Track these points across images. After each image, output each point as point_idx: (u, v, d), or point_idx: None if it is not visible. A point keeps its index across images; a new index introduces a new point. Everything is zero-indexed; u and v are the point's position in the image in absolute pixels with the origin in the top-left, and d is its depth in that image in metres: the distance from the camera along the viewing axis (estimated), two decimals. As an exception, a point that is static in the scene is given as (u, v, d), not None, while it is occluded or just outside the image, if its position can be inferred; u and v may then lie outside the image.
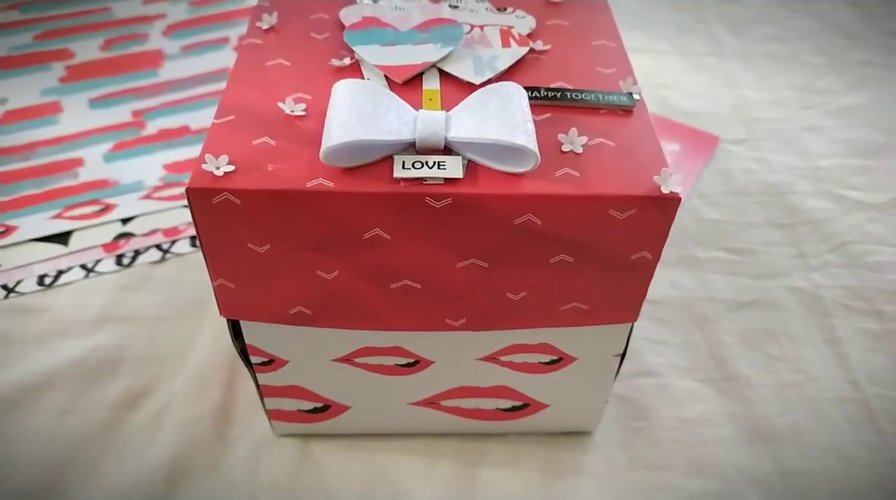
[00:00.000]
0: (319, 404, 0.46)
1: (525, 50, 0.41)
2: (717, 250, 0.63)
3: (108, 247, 0.61)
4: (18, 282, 0.58)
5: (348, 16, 0.43)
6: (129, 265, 0.60)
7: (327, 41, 0.42)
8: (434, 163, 0.33)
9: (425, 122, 0.34)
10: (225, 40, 0.86)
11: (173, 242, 0.62)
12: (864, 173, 0.71)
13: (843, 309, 0.59)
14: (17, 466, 0.47)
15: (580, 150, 0.35)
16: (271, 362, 0.43)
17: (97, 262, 0.60)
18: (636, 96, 0.39)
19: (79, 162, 0.69)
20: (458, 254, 0.36)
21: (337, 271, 0.37)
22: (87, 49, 0.84)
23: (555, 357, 0.43)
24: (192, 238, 0.63)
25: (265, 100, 0.37)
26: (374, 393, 0.45)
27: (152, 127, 0.74)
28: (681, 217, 0.66)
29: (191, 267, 0.60)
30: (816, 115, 0.79)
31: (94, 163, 0.69)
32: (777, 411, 0.52)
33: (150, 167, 0.69)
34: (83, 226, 0.63)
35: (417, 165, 0.33)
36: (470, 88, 0.39)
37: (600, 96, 0.38)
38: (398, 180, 0.33)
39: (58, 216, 0.64)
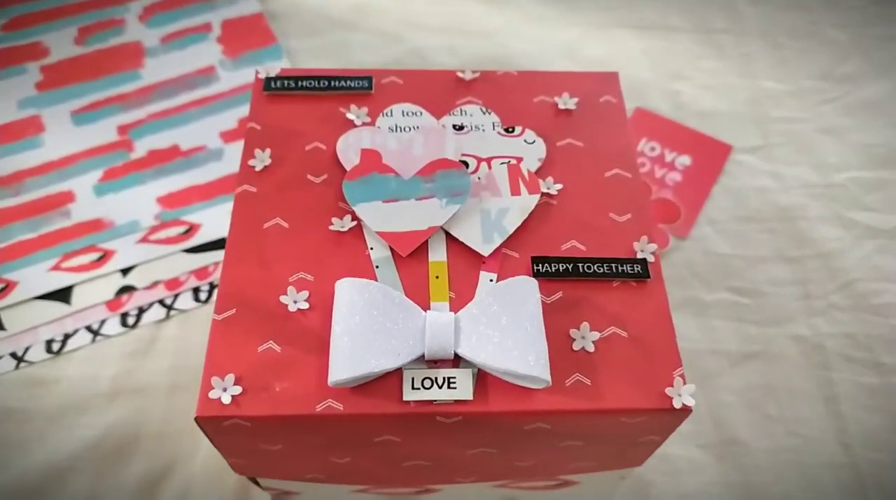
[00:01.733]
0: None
1: (535, 199, 0.39)
2: (724, 291, 0.63)
3: (111, 305, 0.61)
4: (27, 349, 0.59)
5: (346, 149, 0.41)
6: (134, 326, 0.60)
7: (326, 186, 0.39)
8: (444, 380, 0.33)
9: (433, 334, 0.33)
10: (207, 28, 0.81)
11: (176, 297, 0.62)
12: (880, 189, 0.69)
13: (843, 362, 0.59)
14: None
15: (591, 348, 0.35)
16: (286, 493, 0.44)
17: (102, 323, 0.60)
18: (650, 258, 0.37)
19: (69, 197, 0.67)
20: (468, 447, 0.36)
21: (349, 457, 0.37)
22: (62, 43, 0.79)
23: (560, 482, 0.44)
24: (195, 290, 0.62)
25: (266, 285, 0.36)
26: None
27: (141, 148, 0.71)
28: (688, 250, 0.65)
29: (196, 326, 0.60)
30: (835, 111, 0.75)
31: (84, 197, 0.67)
32: (772, 479, 0.54)
33: (143, 202, 0.67)
34: (83, 279, 0.62)
35: (427, 383, 0.33)
36: (479, 259, 0.37)
37: (613, 267, 0.37)
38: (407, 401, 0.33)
39: (56, 267, 0.63)
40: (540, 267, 0.36)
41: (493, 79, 0.44)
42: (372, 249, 0.37)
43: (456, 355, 0.33)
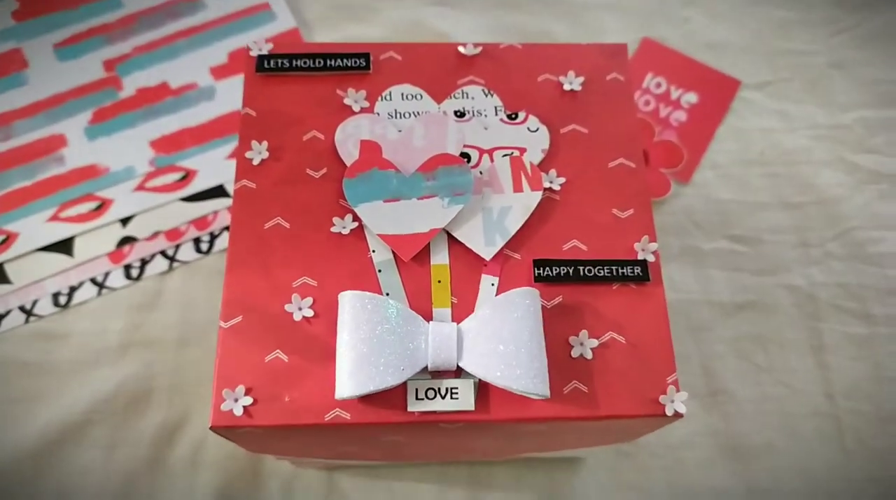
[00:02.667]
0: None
1: (538, 196, 0.38)
2: (722, 240, 0.64)
3: (113, 256, 0.62)
4: (35, 303, 0.60)
5: (345, 141, 0.40)
6: (138, 278, 0.61)
7: (325, 182, 0.39)
8: (446, 391, 0.34)
9: (437, 348, 0.34)
10: (189, -54, 0.75)
11: (177, 248, 0.62)
12: (886, 130, 0.68)
13: (834, 312, 0.61)
14: (83, 502, 0.53)
15: (590, 355, 0.36)
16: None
17: (106, 275, 0.61)
18: (651, 258, 0.38)
19: (61, 141, 0.66)
20: (471, 441, 0.38)
21: (357, 448, 0.39)
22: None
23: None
24: (195, 241, 0.62)
25: (270, 292, 0.36)
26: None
27: (129, 85, 0.68)
28: (689, 196, 0.65)
29: (198, 277, 0.61)
30: (846, 43, 0.72)
31: (76, 141, 0.66)
32: (755, 428, 0.57)
33: (136, 146, 0.66)
34: (84, 230, 0.62)
35: (430, 393, 0.34)
36: (480, 261, 0.37)
37: (614, 270, 0.37)
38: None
39: (55, 218, 0.63)
40: (541, 271, 0.37)
41: (495, 54, 0.43)
42: (374, 251, 0.37)
43: (458, 365, 0.34)
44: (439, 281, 0.37)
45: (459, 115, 0.41)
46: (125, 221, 0.63)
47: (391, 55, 0.42)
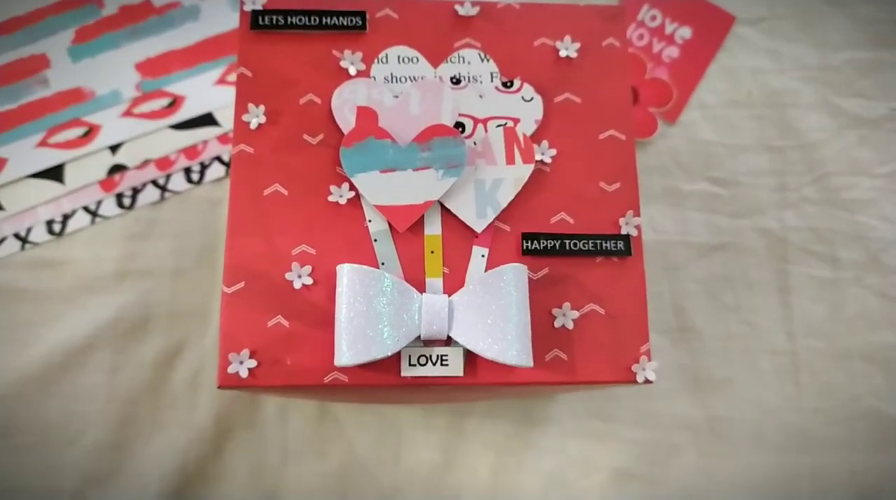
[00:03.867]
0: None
1: (529, 169, 0.40)
2: (703, 181, 0.65)
3: (104, 184, 0.62)
4: (29, 230, 0.61)
5: (341, 106, 0.40)
6: (130, 207, 0.62)
7: (322, 148, 0.40)
8: (437, 358, 0.37)
9: (429, 320, 0.36)
10: None
11: (168, 178, 0.63)
12: (874, 72, 0.69)
13: (802, 255, 0.64)
14: (88, 423, 0.57)
15: (571, 326, 0.38)
16: (294, 395, 0.50)
17: (99, 203, 0.62)
18: (633, 233, 0.40)
19: (44, 61, 0.65)
20: (460, 393, 0.41)
21: (351, 397, 0.42)
22: None
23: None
24: (186, 171, 0.63)
25: (271, 259, 0.38)
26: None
27: (110, 3, 0.66)
28: (674, 137, 0.66)
29: (190, 208, 0.62)
30: (848, -25, 0.71)
31: (60, 62, 0.65)
32: (718, 363, 0.62)
33: (121, 68, 0.65)
34: (73, 157, 0.62)
35: (422, 360, 0.37)
36: (472, 233, 0.39)
37: (598, 244, 0.39)
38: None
39: (43, 143, 0.63)
40: (529, 244, 0.39)
41: (492, 14, 0.42)
42: (370, 221, 0.39)
43: (448, 335, 0.37)
44: (432, 252, 0.39)
45: (455, 81, 0.41)
46: (114, 149, 0.63)
47: (387, 13, 0.42)
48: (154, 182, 0.62)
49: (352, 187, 0.39)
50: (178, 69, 0.65)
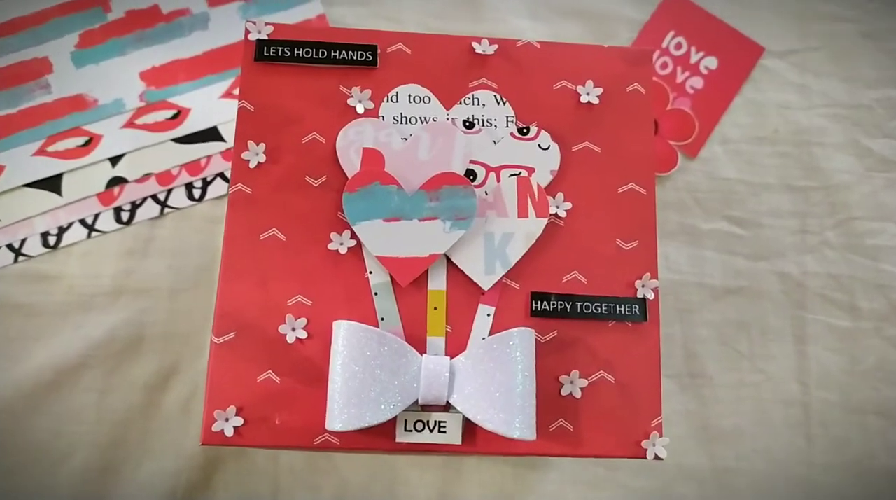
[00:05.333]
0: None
1: (542, 224, 0.38)
2: (721, 221, 0.63)
3: (103, 198, 0.60)
4: (23, 242, 0.59)
5: (347, 147, 0.38)
6: (129, 222, 0.60)
7: (325, 191, 0.38)
8: (435, 424, 0.35)
9: (428, 385, 0.34)
10: None
11: (169, 193, 0.61)
12: (907, 112, 0.66)
13: (821, 302, 0.61)
14: (77, 444, 0.55)
15: (579, 394, 0.36)
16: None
17: (96, 217, 0.60)
18: (650, 296, 0.38)
19: (46, 65, 0.62)
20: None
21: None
22: None
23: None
24: (188, 187, 0.61)
25: (264, 309, 0.36)
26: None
27: (117, 7, 0.64)
28: (694, 172, 0.64)
29: (190, 225, 0.60)
30: (885, 11, 0.68)
31: (63, 67, 0.62)
32: (727, 411, 0.59)
33: (126, 76, 0.63)
34: (72, 168, 0.60)
35: (419, 426, 0.35)
36: (478, 289, 0.37)
37: (612, 307, 0.37)
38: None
39: (41, 152, 0.61)
40: (538, 305, 0.36)
41: (511, 53, 0.40)
42: (371, 273, 0.37)
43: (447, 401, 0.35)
44: (435, 308, 0.36)
45: (468, 125, 0.39)
46: (114, 161, 0.61)
47: (400, 48, 0.40)
48: (154, 197, 0.60)
49: (353, 236, 0.37)
50: (184, 80, 0.63)
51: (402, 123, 0.38)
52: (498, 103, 0.39)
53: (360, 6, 0.65)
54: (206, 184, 0.61)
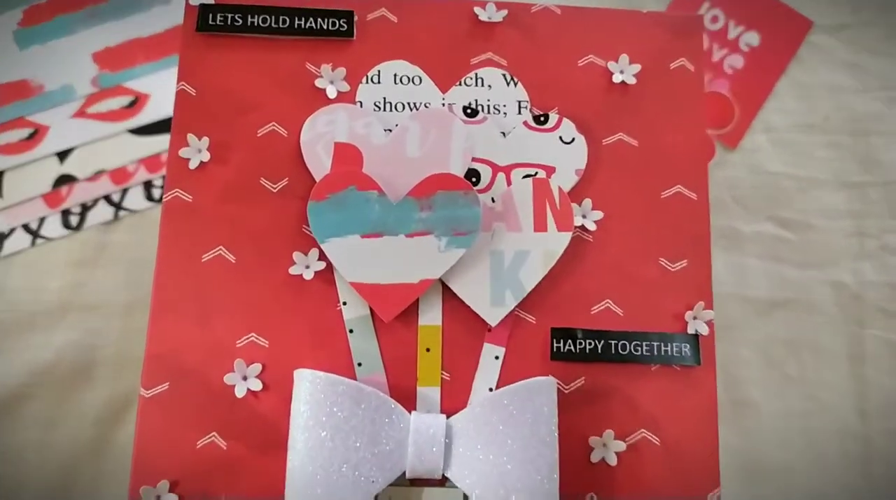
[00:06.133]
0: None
1: (566, 239, 0.29)
2: (766, 222, 0.55)
3: (49, 199, 0.52)
4: (-44, 251, 0.51)
5: (314, 142, 0.30)
6: (78, 228, 0.52)
7: (285, 199, 0.29)
8: (427, 510, 0.27)
9: (419, 452, 0.26)
10: None
11: (124, 193, 0.53)
12: (979, 95, 0.58)
13: (880, 316, 0.53)
14: (15, 490, 0.48)
15: (614, 461, 0.28)
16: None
17: (41, 221, 0.52)
18: (704, 331, 0.29)
19: (-15, 45, 0.55)
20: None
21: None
22: None
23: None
24: (146, 186, 0.53)
25: (207, 352, 0.28)
26: None
27: (68, -23, 0.56)
28: (734, 166, 0.55)
29: (148, 231, 0.52)
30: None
31: (6, 47, 0.55)
32: (774, 445, 0.51)
33: (76, 58, 0.55)
34: (14, 164, 0.53)
35: (407, 508, 0.27)
36: (483, 327, 0.29)
37: (656, 347, 0.29)
38: (383, 527, 0.27)
39: (-22, 146, 0.53)
40: (561, 345, 0.28)
41: (524, 21, 0.32)
42: (345, 304, 0.28)
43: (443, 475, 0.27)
44: (428, 349, 0.28)
45: (470, 113, 0.30)
46: (62, 156, 0.53)
47: (383, 14, 0.31)
48: (107, 198, 0.53)
49: (322, 256, 0.29)
50: (143, 62, 0.55)
51: (385, 110, 0.30)
52: (507, 84, 0.31)
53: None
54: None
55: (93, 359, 0.50)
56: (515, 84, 0.31)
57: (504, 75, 0.31)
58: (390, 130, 0.30)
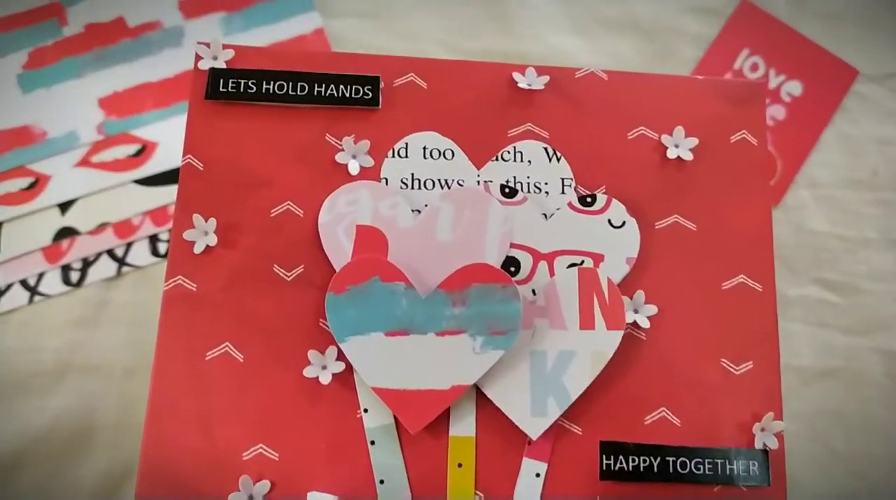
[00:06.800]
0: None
1: (617, 339, 0.26)
2: (811, 284, 0.51)
3: (49, 253, 0.50)
4: (-49, 307, 0.49)
5: (333, 224, 0.26)
6: (78, 284, 0.49)
7: (301, 288, 0.26)
8: None
9: None
10: None
11: (128, 247, 0.50)
12: None
13: (938, 389, 0.50)
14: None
15: None
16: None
17: (40, 277, 0.49)
18: (773, 445, 0.26)
19: (-14, 90, 0.52)
20: None
21: None
22: None
23: None
24: (151, 240, 0.50)
25: (210, 465, 0.25)
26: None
27: (75, 19, 0.54)
28: (777, 224, 0.51)
29: (152, 288, 0.50)
30: None
31: (8, 90, 0.53)
32: (821, 530, 0.47)
33: (81, 104, 0.53)
34: (14, 215, 0.50)
35: None
36: (522, 440, 0.25)
37: (719, 464, 0.25)
38: None
39: (-24, 196, 0.50)
40: (612, 462, 0.25)
41: (568, 88, 0.28)
42: (366, 411, 0.25)
43: None
44: (459, 465, 0.25)
45: (508, 192, 0.27)
46: (64, 207, 0.51)
47: (411, 79, 0.28)
48: (110, 253, 0.50)
49: (341, 356, 0.25)
50: (151, 108, 0.52)
51: (413, 188, 0.27)
52: (549, 159, 0.28)
53: (368, 18, 0.54)
54: (174, 236, 0.50)
55: (91, 425, 0.48)
56: (558, 159, 0.28)
57: (545, 149, 0.28)
58: (419, 211, 0.27)
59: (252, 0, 0.55)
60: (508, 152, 0.28)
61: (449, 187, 0.27)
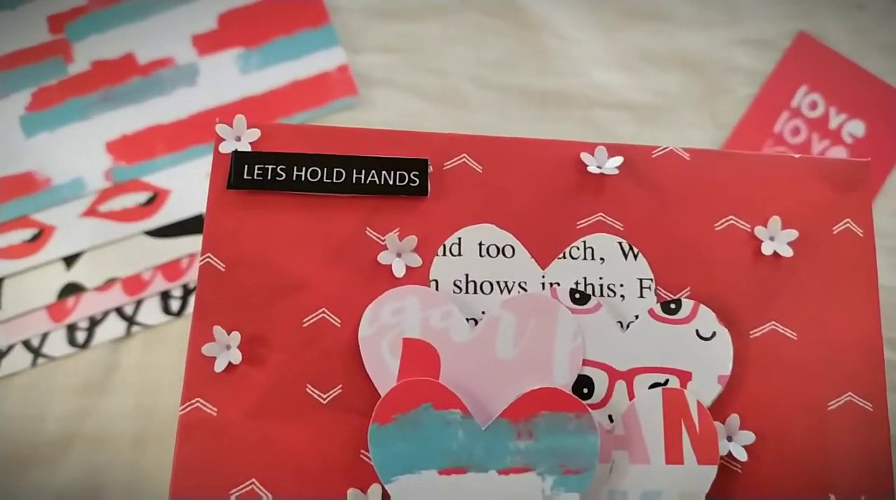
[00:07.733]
0: None
1: (709, 476, 0.22)
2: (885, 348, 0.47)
3: (53, 311, 0.47)
4: (-51, 370, 0.46)
5: (376, 338, 0.23)
6: (85, 345, 0.46)
7: (337, 413, 0.22)
8: None
9: None
10: None
11: (138, 305, 0.47)
12: None
13: None
14: None
15: None
16: None
17: (44, 337, 0.46)
18: None
19: (-13, 133, 0.49)
20: None
21: None
22: None
23: None
24: (163, 297, 0.47)
25: None
26: None
27: (82, 56, 0.51)
28: (838, 277, 0.48)
29: (164, 348, 0.47)
30: None
31: (10, 133, 0.50)
32: None
33: (88, 148, 0.50)
34: (16, 270, 0.47)
35: None
36: None
37: None
38: None
39: (-22, 248, 0.47)
40: None
41: (644, 170, 0.25)
42: (414, 568, 0.21)
43: None
44: None
45: (579, 298, 0.23)
46: (69, 261, 0.47)
47: (464, 161, 0.25)
48: (119, 311, 0.47)
49: (386, 497, 0.22)
50: (163, 153, 0.49)
51: (467, 292, 0.23)
52: (625, 256, 0.24)
53: (394, 53, 0.51)
54: (187, 293, 0.48)
55: (98, 499, 0.44)
56: (635, 256, 0.24)
57: (620, 244, 0.24)
58: (475, 321, 0.23)
59: (271, 35, 0.52)
60: (577, 248, 0.24)
61: (509, 291, 0.23)
